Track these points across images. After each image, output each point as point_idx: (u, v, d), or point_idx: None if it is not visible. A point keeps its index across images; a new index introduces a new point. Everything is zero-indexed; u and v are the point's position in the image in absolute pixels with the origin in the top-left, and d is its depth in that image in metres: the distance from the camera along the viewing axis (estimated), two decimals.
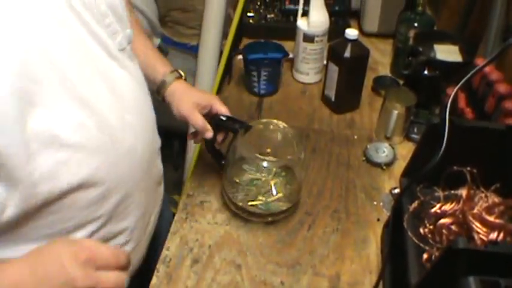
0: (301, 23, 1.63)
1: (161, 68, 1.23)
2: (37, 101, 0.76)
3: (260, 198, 1.19)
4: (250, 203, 1.19)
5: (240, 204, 1.20)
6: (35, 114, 0.76)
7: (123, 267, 0.82)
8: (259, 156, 1.17)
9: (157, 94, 1.23)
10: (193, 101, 1.19)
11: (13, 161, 0.74)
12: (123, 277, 0.81)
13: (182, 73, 1.26)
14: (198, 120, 1.17)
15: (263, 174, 1.22)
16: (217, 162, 1.27)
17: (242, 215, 1.21)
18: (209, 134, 1.17)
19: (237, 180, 1.22)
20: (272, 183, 1.21)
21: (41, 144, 0.77)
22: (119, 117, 0.94)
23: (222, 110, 1.21)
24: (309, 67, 1.68)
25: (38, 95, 0.76)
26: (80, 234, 0.91)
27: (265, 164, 1.18)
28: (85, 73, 0.87)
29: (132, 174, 0.98)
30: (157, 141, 1.15)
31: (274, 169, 1.22)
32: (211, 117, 1.20)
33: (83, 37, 0.87)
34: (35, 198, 0.80)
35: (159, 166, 1.16)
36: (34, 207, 0.81)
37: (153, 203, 1.14)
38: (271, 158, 1.20)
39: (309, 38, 1.62)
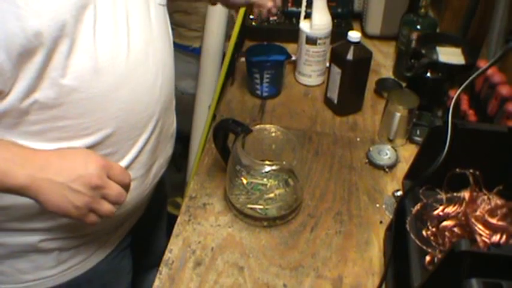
0: (304, 25, 1.62)
1: None
2: (89, 16, 0.88)
3: (261, 203, 1.20)
4: (249, 206, 1.19)
5: (238, 206, 1.20)
6: (86, 26, 0.88)
7: (126, 186, 0.95)
8: (257, 161, 1.17)
9: None
10: None
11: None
12: (124, 193, 0.94)
13: None
14: None
15: (270, 180, 1.22)
16: (225, 161, 1.27)
17: (239, 216, 1.21)
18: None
19: (244, 182, 1.22)
20: (277, 192, 1.21)
21: (80, 49, 0.88)
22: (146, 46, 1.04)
23: None
24: (311, 69, 1.67)
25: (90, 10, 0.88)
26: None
27: (266, 168, 1.18)
28: (130, 11, 0.98)
29: (148, 104, 1.07)
30: (174, 100, 1.24)
31: (274, 173, 1.22)
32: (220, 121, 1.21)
33: None
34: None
35: (172, 119, 1.25)
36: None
37: (162, 149, 1.20)
38: (271, 162, 1.20)
39: (311, 41, 1.61)
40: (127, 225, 1.26)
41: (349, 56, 1.45)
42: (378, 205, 1.27)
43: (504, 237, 0.84)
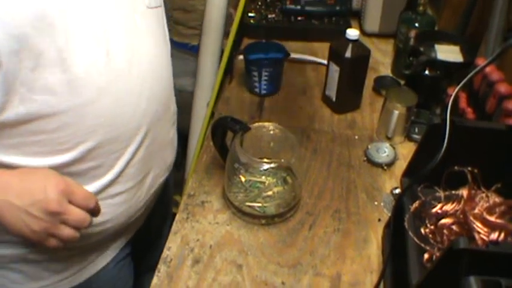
0: None
1: None
2: (57, 25, 0.84)
3: (259, 200, 1.20)
4: (247, 203, 1.19)
5: (237, 204, 1.20)
6: (54, 36, 0.84)
7: (91, 211, 0.93)
8: (255, 159, 1.17)
9: None
10: None
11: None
12: (88, 218, 0.92)
13: None
14: None
15: (268, 178, 1.22)
16: (223, 159, 1.27)
17: (237, 214, 1.21)
18: None
19: (242, 180, 1.22)
20: (275, 190, 1.21)
21: (49, 61, 0.85)
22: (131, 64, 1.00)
23: None
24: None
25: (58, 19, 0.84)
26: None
27: (264, 166, 1.18)
28: (109, 18, 0.94)
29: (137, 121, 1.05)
30: (173, 107, 1.27)
31: (272, 171, 1.22)
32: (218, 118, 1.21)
33: None
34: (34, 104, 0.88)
35: (167, 127, 1.23)
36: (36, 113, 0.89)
37: (158, 159, 1.19)
38: (269, 160, 1.20)
39: None
40: (125, 236, 1.25)
41: (348, 54, 1.44)
42: (376, 203, 1.27)
43: (502, 234, 0.84)
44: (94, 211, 0.94)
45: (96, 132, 0.97)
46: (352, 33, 1.44)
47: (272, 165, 1.18)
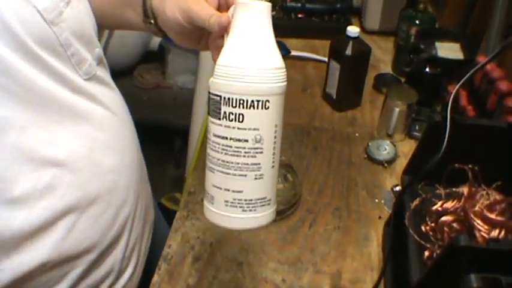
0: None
1: None
2: None
3: None
4: None
5: None
6: None
7: None
8: None
9: (145, 16, 0.95)
10: None
11: None
12: None
13: None
14: (206, 8, 0.82)
15: None
16: None
17: None
18: (224, 19, 0.76)
19: None
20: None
21: (8, 209, 0.77)
22: (94, 164, 0.89)
23: None
24: (215, 182, 0.83)
25: None
26: None
27: None
28: (46, 128, 0.81)
29: (111, 226, 0.95)
30: (143, 170, 1.11)
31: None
32: None
33: (32, 86, 0.78)
34: None
35: (146, 198, 1.12)
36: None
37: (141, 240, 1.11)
38: None
39: (213, 104, 0.75)
40: None
41: (348, 51, 1.44)
42: (376, 200, 1.27)
43: (503, 232, 0.84)
44: None
45: None
46: (353, 30, 1.44)
47: None
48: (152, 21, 0.94)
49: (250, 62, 0.70)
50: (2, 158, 0.75)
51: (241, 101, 0.69)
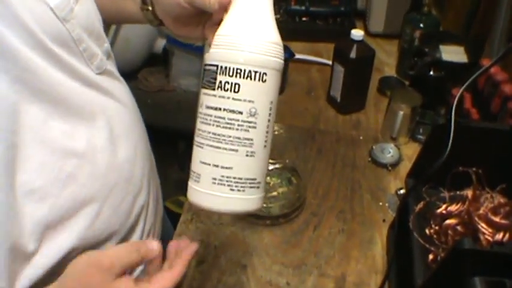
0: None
1: None
2: (18, 161, 0.76)
3: (264, 201, 1.19)
4: None
5: None
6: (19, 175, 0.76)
7: (151, 258, 0.79)
8: None
9: (143, 3, 0.95)
10: None
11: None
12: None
13: None
14: None
15: (272, 178, 1.22)
16: None
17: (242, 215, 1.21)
18: None
19: None
20: (280, 190, 1.21)
21: (27, 200, 0.78)
22: (111, 155, 0.92)
23: None
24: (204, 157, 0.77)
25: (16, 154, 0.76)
26: None
27: (269, 167, 1.18)
28: (65, 120, 0.83)
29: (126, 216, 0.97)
30: (152, 161, 1.13)
31: (277, 171, 1.22)
32: None
33: (50, 82, 0.79)
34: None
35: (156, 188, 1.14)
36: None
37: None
38: (274, 161, 1.20)
39: (208, 74, 0.73)
40: None
41: (352, 55, 1.44)
42: (380, 203, 1.27)
43: (507, 235, 0.84)
44: (151, 256, 0.80)
45: None
46: (357, 33, 1.44)
47: (277, 165, 1.18)
48: (150, 7, 0.94)
49: (249, 32, 0.70)
50: (23, 150, 0.77)
51: (239, 70, 0.68)
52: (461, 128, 0.87)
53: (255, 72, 0.69)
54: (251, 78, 0.69)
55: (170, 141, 2.67)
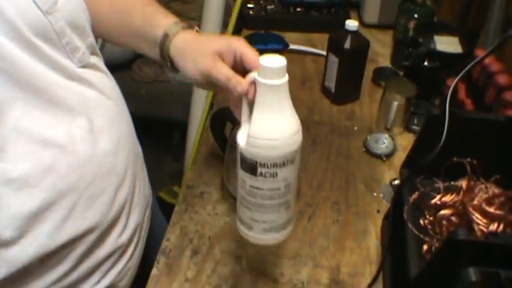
0: (241, 133, 0.86)
1: (161, 20, 0.99)
2: None
3: None
4: None
5: (236, 195, 1.20)
6: None
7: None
8: None
9: (162, 58, 0.99)
10: (211, 48, 0.91)
11: None
12: None
13: (196, 28, 1.02)
14: (224, 71, 0.87)
15: None
16: (223, 150, 1.26)
17: (236, 205, 1.21)
18: (242, 86, 0.83)
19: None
20: None
21: (5, 189, 0.79)
22: (92, 147, 0.92)
23: (250, 55, 0.88)
24: (251, 216, 0.88)
25: None
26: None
27: None
28: (45, 111, 0.84)
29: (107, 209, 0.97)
30: (139, 153, 1.13)
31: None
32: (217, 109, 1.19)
33: (30, 72, 0.81)
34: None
35: (143, 182, 1.15)
36: None
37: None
38: None
39: (248, 167, 0.83)
40: None
41: (347, 45, 1.44)
42: (375, 194, 1.27)
43: (501, 226, 0.85)
44: None
45: None
46: (352, 24, 1.44)
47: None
48: (169, 63, 1.00)
49: (279, 134, 0.81)
50: (2, 139, 0.78)
51: (275, 164, 0.81)
52: (455, 119, 0.87)
53: (287, 160, 0.83)
54: (285, 165, 0.83)
55: (165, 131, 2.67)
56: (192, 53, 0.94)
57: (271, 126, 0.81)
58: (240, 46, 0.90)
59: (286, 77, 0.79)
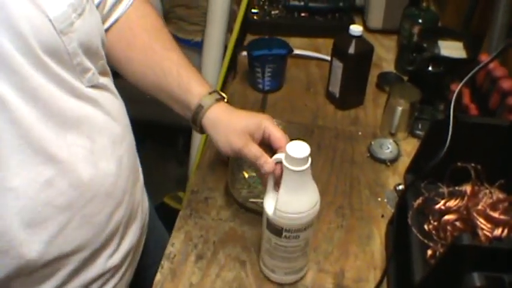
0: (268, 201, 0.99)
1: (196, 88, 1.05)
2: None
3: (263, 197, 1.19)
4: (251, 200, 1.20)
5: (240, 200, 1.20)
6: None
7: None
8: None
9: (193, 123, 1.07)
10: (242, 127, 1.01)
11: None
12: None
13: (224, 94, 1.09)
14: (253, 151, 0.99)
15: None
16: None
17: (241, 210, 1.21)
18: (269, 166, 0.96)
19: (246, 176, 1.22)
20: None
21: (2, 197, 0.79)
22: (94, 167, 0.92)
23: (278, 136, 1.00)
24: (276, 265, 1.05)
25: None
26: None
27: None
28: (51, 128, 0.84)
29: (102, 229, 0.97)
30: (138, 177, 1.14)
31: None
32: None
33: (39, 89, 0.81)
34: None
35: (144, 205, 1.16)
36: None
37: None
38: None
39: (274, 230, 0.98)
40: None
41: (351, 50, 1.44)
42: (379, 199, 1.27)
43: (506, 231, 0.84)
44: None
45: None
46: (356, 29, 1.44)
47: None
48: (199, 129, 1.08)
49: (302, 209, 0.94)
50: (7, 147, 0.78)
51: (298, 229, 0.96)
52: (460, 124, 0.87)
53: (308, 225, 0.97)
54: (306, 229, 0.97)
55: (169, 136, 2.67)
56: (225, 129, 1.03)
57: (295, 203, 0.93)
58: (269, 126, 1.01)
59: (309, 162, 0.89)
